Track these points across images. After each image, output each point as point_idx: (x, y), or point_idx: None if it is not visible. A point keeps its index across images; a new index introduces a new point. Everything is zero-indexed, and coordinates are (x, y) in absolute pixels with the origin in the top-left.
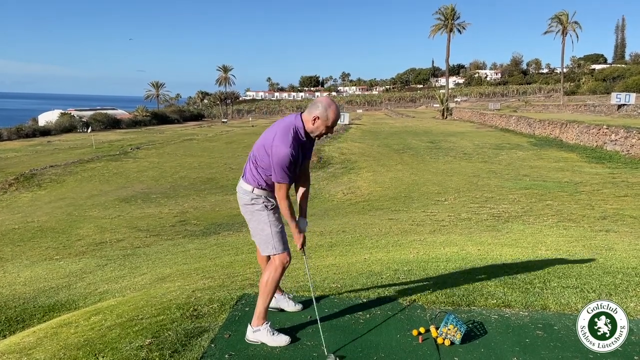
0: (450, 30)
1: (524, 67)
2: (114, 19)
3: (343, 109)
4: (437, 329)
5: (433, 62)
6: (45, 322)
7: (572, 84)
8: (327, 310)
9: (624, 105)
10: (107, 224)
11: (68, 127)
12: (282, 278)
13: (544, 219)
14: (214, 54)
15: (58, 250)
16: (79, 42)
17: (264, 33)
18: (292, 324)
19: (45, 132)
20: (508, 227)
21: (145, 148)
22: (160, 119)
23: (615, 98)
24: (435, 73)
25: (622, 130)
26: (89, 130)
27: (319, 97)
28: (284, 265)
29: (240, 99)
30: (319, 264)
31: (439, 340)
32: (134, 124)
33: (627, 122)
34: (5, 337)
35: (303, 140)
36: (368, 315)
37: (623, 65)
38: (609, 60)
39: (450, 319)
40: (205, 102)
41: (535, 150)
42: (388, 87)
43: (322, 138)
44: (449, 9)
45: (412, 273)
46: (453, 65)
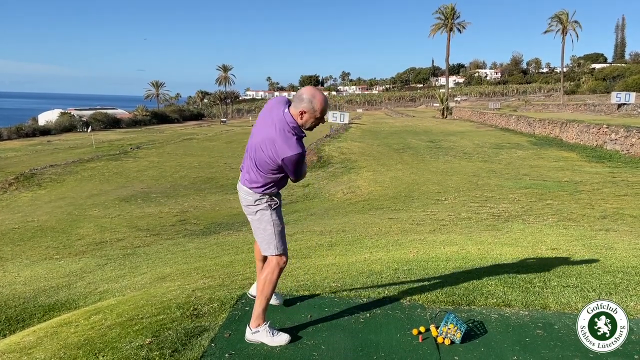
0: (450, 30)
1: (524, 66)
2: (114, 19)
3: (343, 109)
4: (437, 328)
5: (433, 61)
6: (46, 321)
7: (572, 84)
8: (327, 310)
9: (624, 105)
10: (107, 224)
11: (68, 126)
12: (279, 279)
13: (544, 218)
14: (214, 54)
15: (58, 250)
16: (79, 41)
17: (264, 32)
18: (292, 323)
19: (45, 131)
20: (508, 226)
21: (145, 147)
22: (160, 119)
23: (615, 97)
24: (435, 72)
25: (622, 130)
26: (89, 130)
27: (303, 88)
28: (281, 267)
29: (240, 99)
30: (319, 263)
31: (439, 340)
32: (134, 124)
33: (627, 121)
34: (6, 336)
35: (303, 135)
36: (368, 315)
37: (623, 65)
38: (609, 60)
39: (451, 318)
40: (205, 101)
41: (535, 150)
42: (388, 86)
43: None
44: (449, 8)
45: (412, 272)
46: (453, 65)
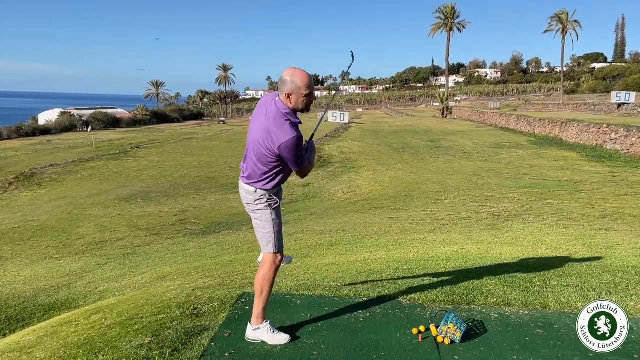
0: (450, 29)
1: (524, 66)
2: (114, 18)
3: (343, 108)
4: (437, 328)
5: (433, 61)
6: (46, 320)
7: (572, 83)
8: (327, 309)
9: (624, 104)
10: (107, 223)
11: (68, 126)
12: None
13: (544, 218)
14: (214, 54)
15: (58, 249)
16: (79, 41)
17: (264, 32)
18: (292, 323)
19: (45, 131)
20: (508, 226)
21: (145, 147)
22: (160, 118)
23: (615, 97)
24: (435, 72)
25: (622, 129)
26: (89, 129)
27: (284, 72)
28: (277, 265)
29: (240, 98)
30: (319, 263)
31: (439, 339)
32: (134, 123)
33: (627, 121)
34: (6, 335)
35: (298, 121)
36: (368, 314)
37: (623, 64)
38: (609, 59)
39: (451, 318)
40: (205, 101)
41: (535, 149)
42: (388, 86)
43: (310, 107)
44: (449, 8)
45: (412, 272)
46: (453, 64)
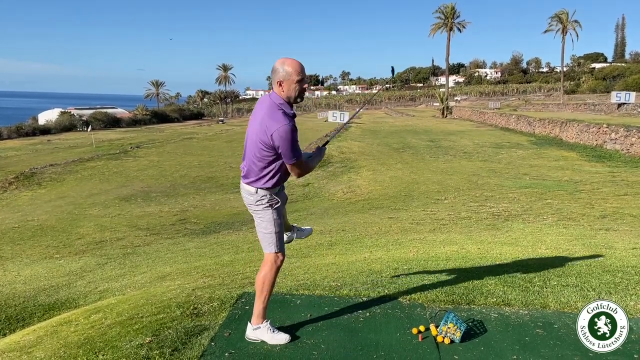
0: (450, 29)
1: (524, 66)
2: (114, 18)
3: (343, 108)
4: (437, 328)
5: (433, 60)
6: (46, 320)
7: (572, 83)
8: (326, 309)
9: (624, 104)
10: (107, 223)
11: (68, 125)
12: (277, 277)
13: (544, 218)
14: (214, 53)
15: (58, 249)
16: (79, 41)
17: (264, 32)
18: (292, 322)
19: (45, 130)
20: (508, 225)
21: (145, 147)
22: (160, 118)
23: (615, 97)
24: (435, 72)
25: (622, 129)
26: (89, 129)
27: (275, 62)
28: (278, 265)
29: (240, 98)
30: (319, 263)
31: (439, 339)
32: (134, 123)
33: (627, 121)
34: (5, 335)
35: (293, 113)
36: (368, 314)
37: (623, 64)
38: (609, 59)
39: (450, 318)
40: (205, 100)
41: (535, 149)
42: (388, 85)
43: (304, 96)
44: (449, 8)
45: (412, 271)
46: (453, 64)
